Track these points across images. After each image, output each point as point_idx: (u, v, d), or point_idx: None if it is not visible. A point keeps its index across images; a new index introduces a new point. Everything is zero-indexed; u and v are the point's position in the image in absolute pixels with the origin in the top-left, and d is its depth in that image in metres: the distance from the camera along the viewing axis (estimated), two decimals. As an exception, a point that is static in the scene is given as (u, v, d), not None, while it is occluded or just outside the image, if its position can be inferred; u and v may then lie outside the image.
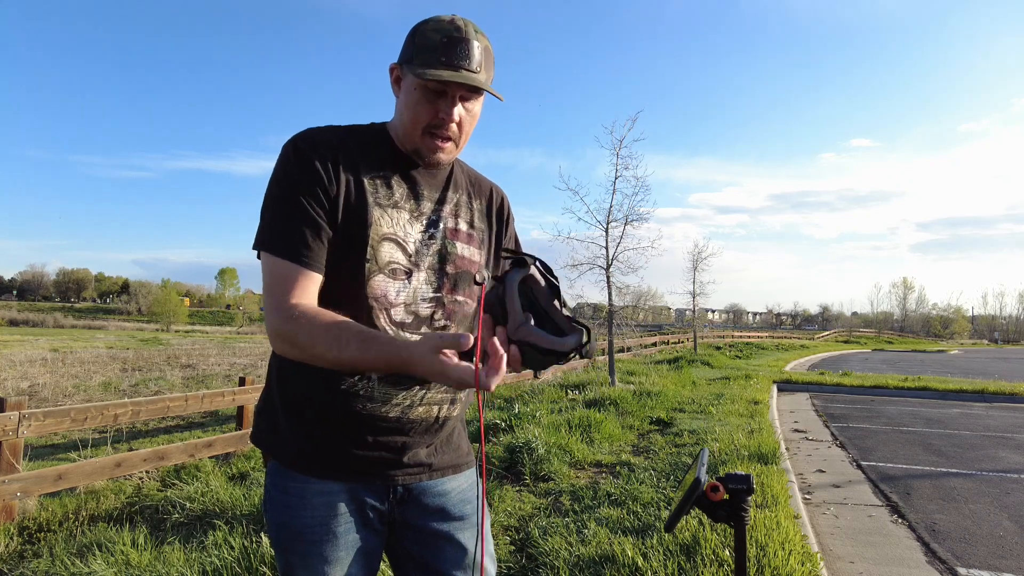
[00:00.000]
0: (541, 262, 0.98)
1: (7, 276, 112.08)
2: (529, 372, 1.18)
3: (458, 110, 1.10)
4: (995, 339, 71.41)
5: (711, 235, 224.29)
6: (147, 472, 4.73)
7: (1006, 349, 45.40)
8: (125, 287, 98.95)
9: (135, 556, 2.99)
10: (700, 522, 3.24)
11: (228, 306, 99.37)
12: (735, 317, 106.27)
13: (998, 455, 6.21)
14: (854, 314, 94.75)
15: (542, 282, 0.95)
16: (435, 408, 1.19)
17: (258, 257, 1.09)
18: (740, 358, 20.38)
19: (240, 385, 5.73)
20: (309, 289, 1.06)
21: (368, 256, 1.09)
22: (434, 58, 1.06)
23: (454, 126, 1.12)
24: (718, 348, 22.90)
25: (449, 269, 1.19)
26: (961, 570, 3.36)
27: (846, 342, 43.44)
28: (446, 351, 0.90)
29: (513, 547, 3.28)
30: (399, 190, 1.15)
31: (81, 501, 4.05)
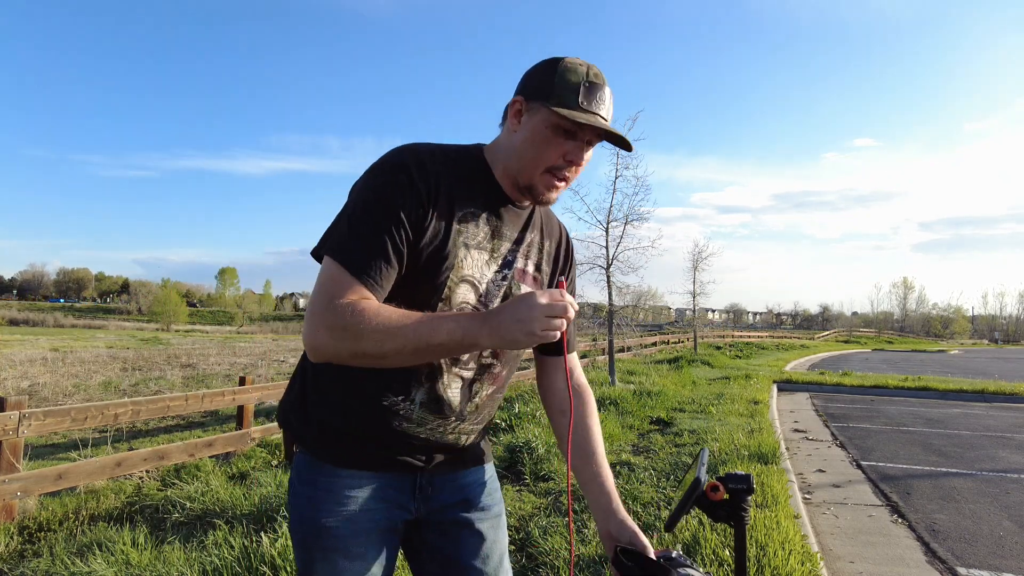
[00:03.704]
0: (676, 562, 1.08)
1: (7, 276, 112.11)
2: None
3: (584, 155, 1.10)
4: (995, 339, 71.35)
5: (713, 235, 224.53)
6: (147, 472, 4.73)
7: (1006, 349, 45.38)
8: (125, 287, 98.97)
9: (135, 556, 2.99)
10: (700, 522, 3.24)
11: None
12: (735, 317, 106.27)
13: (998, 455, 6.21)
14: (854, 314, 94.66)
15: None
16: (464, 437, 1.22)
17: (317, 259, 1.06)
18: (740, 358, 20.37)
19: (240, 385, 5.73)
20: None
21: (444, 296, 1.09)
22: (574, 100, 1.05)
23: (574, 169, 1.11)
24: (718, 348, 22.89)
25: None
26: (961, 570, 3.36)
27: (846, 342, 43.42)
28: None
29: (513, 547, 3.29)
30: (485, 229, 1.13)
31: (81, 501, 4.05)
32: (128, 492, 4.33)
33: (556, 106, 1.04)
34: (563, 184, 1.12)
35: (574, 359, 1.34)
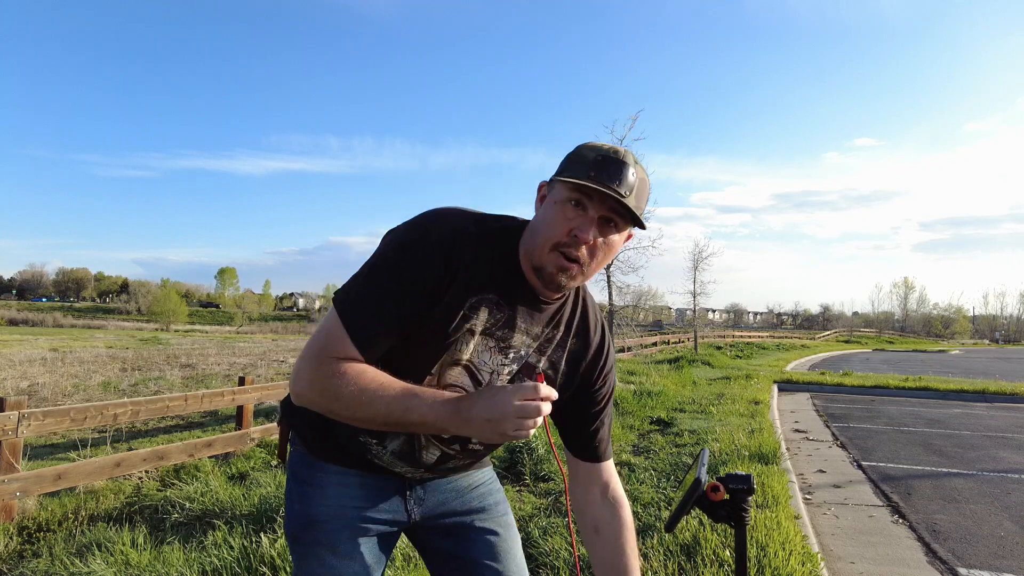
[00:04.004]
0: None
1: (7, 275, 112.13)
2: None
3: (594, 232, 1.02)
4: (996, 339, 71.29)
5: (713, 235, 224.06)
6: (147, 472, 4.72)
7: (1007, 349, 45.36)
8: (124, 287, 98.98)
9: (135, 556, 2.99)
10: (700, 522, 3.23)
11: (217, 305, 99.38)
12: (736, 317, 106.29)
13: (999, 455, 6.20)
14: (855, 314, 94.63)
15: None
16: (428, 476, 1.25)
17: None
18: (741, 358, 20.38)
19: (240, 385, 5.72)
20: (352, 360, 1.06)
21: (434, 372, 1.09)
22: (583, 172, 1.00)
23: (585, 250, 1.03)
24: (719, 348, 22.90)
25: None
26: (962, 570, 3.36)
27: (847, 342, 43.43)
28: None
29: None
30: (497, 316, 1.09)
31: (80, 501, 4.04)
32: (127, 492, 4.33)
33: (565, 177, 1.01)
34: (575, 266, 1.03)
35: (609, 469, 1.27)
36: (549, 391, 0.97)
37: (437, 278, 1.03)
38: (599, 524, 1.22)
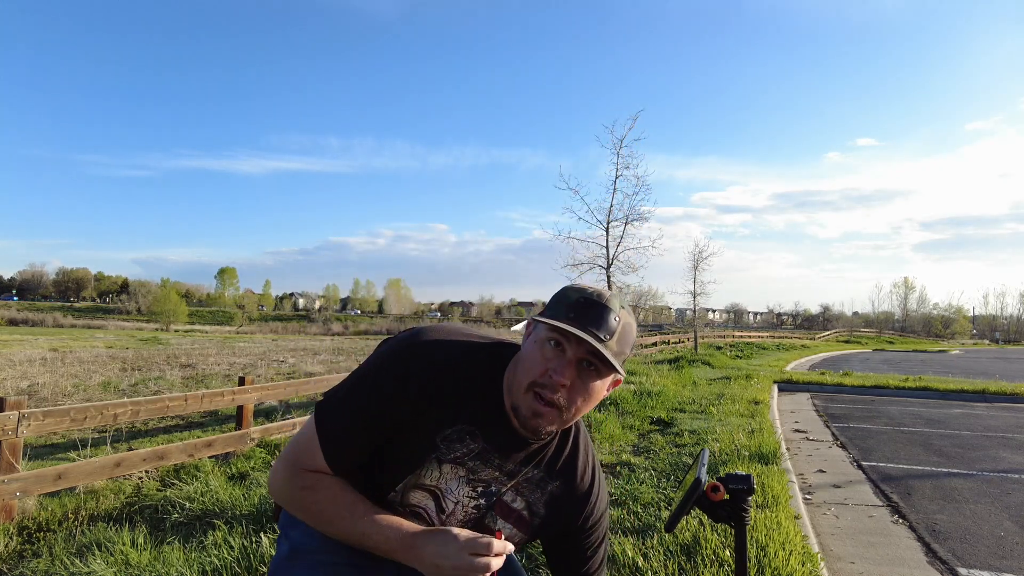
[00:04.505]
0: None
1: (7, 275, 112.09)
2: None
3: (571, 374, 0.99)
4: (996, 339, 71.27)
5: (714, 234, 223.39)
6: (147, 472, 4.72)
7: (1007, 349, 45.34)
8: (124, 287, 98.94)
9: (135, 556, 2.99)
10: (700, 522, 3.23)
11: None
12: (736, 317, 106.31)
13: (999, 455, 6.20)
14: (855, 314, 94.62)
15: None
16: None
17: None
18: (741, 358, 20.37)
19: (240, 385, 5.72)
20: (323, 473, 1.10)
21: (397, 489, 1.10)
22: (562, 313, 0.99)
23: (562, 394, 1.00)
24: (719, 348, 22.89)
25: None
26: (962, 570, 3.36)
27: (847, 342, 43.41)
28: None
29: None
30: (471, 446, 1.07)
31: (80, 501, 4.04)
32: (127, 492, 4.33)
33: (545, 318, 1.00)
34: (551, 411, 1.01)
35: None
36: (503, 547, 0.98)
37: (412, 408, 1.05)
38: None
